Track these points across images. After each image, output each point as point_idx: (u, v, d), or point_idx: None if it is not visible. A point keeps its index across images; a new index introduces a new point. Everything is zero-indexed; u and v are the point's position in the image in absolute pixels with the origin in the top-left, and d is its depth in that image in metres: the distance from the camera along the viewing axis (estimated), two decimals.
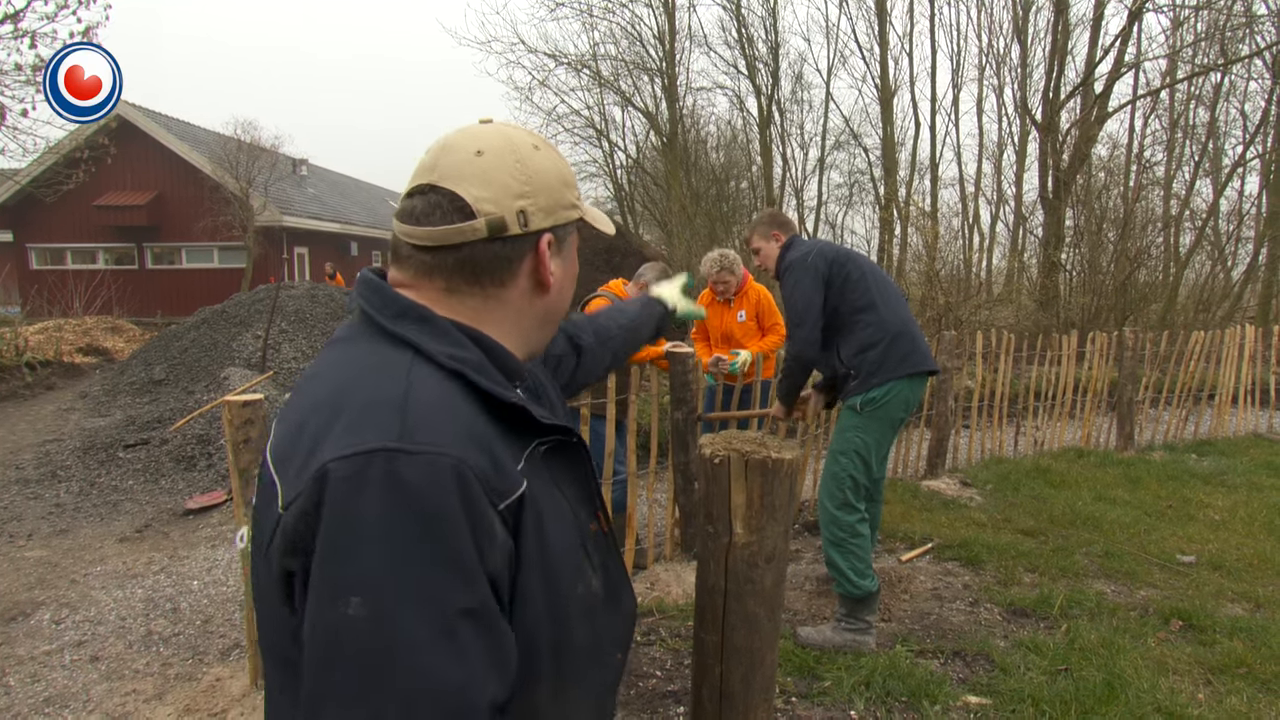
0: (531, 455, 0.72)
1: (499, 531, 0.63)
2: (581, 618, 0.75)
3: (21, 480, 5.59)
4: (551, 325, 0.84)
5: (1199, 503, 4.78)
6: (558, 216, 0.79)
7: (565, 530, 0.74)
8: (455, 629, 0.57)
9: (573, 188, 0.82)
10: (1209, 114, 14.76)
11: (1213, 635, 3.00)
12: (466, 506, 0.60)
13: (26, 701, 2.81)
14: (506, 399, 0.70)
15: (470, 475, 0.61)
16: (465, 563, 0.59)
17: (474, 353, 0.72)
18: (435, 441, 0.61)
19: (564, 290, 0.83)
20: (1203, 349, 6.99)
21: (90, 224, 18.09)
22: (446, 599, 0.58)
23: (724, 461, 0.83)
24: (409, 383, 0.65)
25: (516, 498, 0.66)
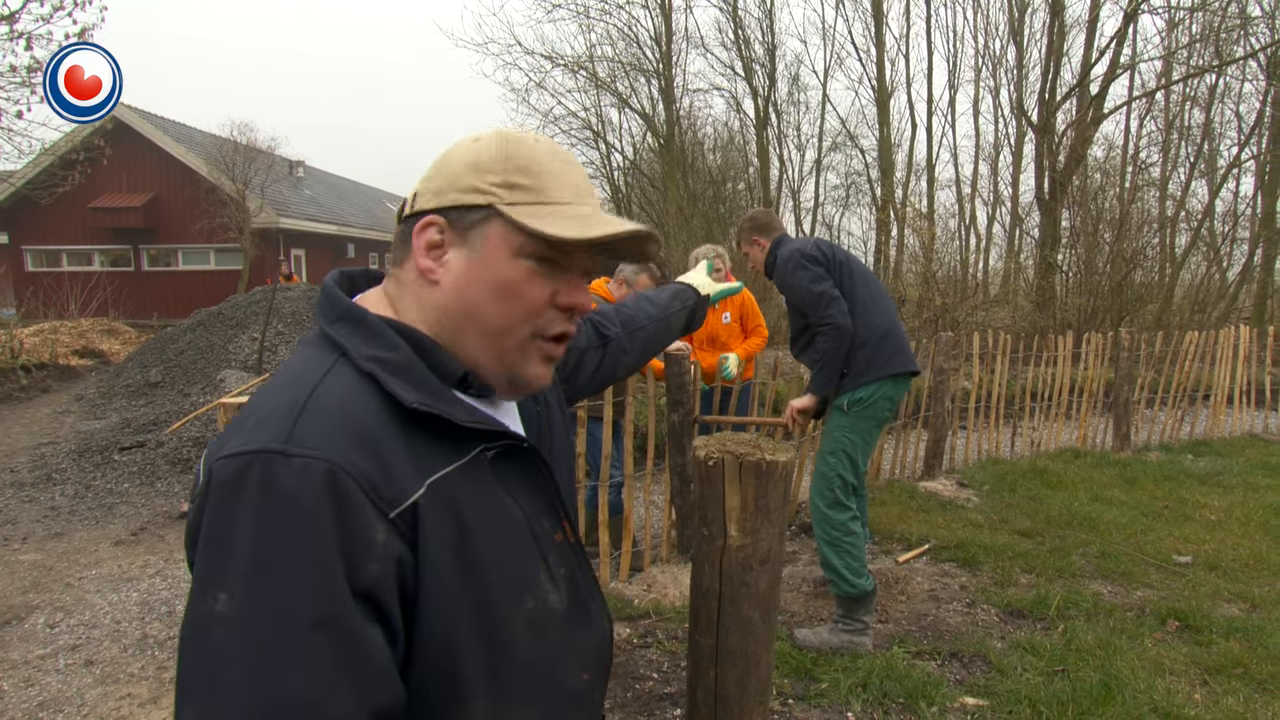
0: (476, 461, 0.70)
1: (381, 539, 0.60)
2: (529, 634, 0.70)
3: (16, 483, 5.57)
4: (471, 336, 0.72)
5: (1195, 503, 4.79)
6: (446, 199, 0.72)
7: (509, 540, 0.70)
8: (304, 638, 0.55)
9: (486, 172, 0.72)
10: (1204, 115, 14.81)
11: (1209, 636, 3.00)
12: (337, 512, 0.58)
13: (20, 706, 2.80)
14: (408, 403, 0.65)
15: (346, 480, 0.59)
16: (325, 570, 0.57)
17: (402, 353, 0.69)
18: (316, 445, 0.60)
19: (464, 292, 0.72)
20: (1198, 349, 7.01)
21: (86, 226, 18.05)
22: (300, 606, 0.56)
23: (718, 464, 0.82)
24: (316, 387, 0.65)
25: (409, 505, 0.62)
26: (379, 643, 0.59)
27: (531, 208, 0.71)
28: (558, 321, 0.75)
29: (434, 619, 0.63)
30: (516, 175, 0.72)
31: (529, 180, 0.72)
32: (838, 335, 2.94)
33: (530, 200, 0.72)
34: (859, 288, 3.03)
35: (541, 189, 0.72)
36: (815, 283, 2.98)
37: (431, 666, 0.64)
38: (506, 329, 0.72)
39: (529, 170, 0.72)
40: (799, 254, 3.02)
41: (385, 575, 0.60)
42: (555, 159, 0.75)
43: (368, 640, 0.58)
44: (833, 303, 2.95)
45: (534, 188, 0.72)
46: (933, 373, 5.31)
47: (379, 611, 0.60)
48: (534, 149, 0.74)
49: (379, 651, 0.58)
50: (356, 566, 0.58)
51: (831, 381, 2.97)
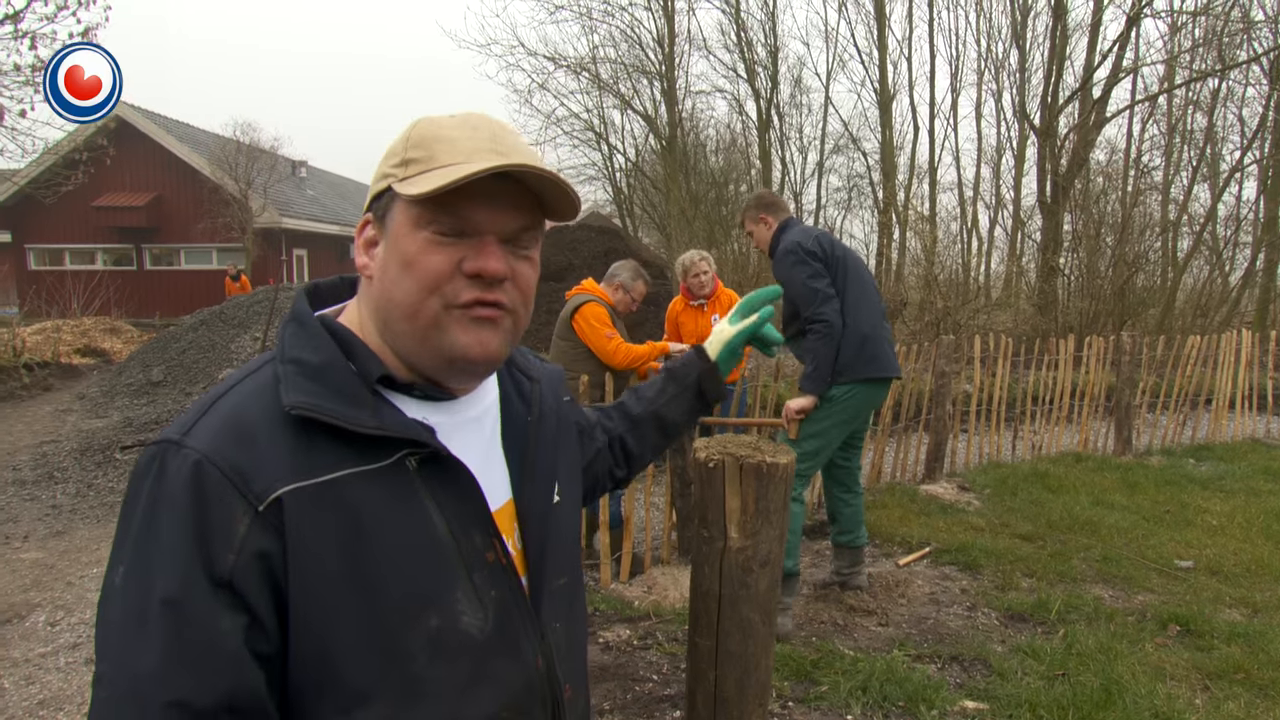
0: (396, 466, 0.68)
1: (242, 531, 0.61)
2: (431, 654, 0.67)
3: (18, 481, 5.57)
4: (397, 324, 0.71)
5: (1197, 508, 4.78)
6: (371, 193, 0.73)
7: (418, 551, 0.68)
8: (149, 617, 0.59)
9: (391, 157, 0.72)
10: (1207, 119, 14.79)
11: (1210, 640, 2.99)
12: (198, 501, 0.61)
13: (21, 704, 2.80)
14: (284, 406, 0.65)
15: (212, 470, 0.61)
16: (182, 556, 0.60)
17: (323, 355, 0.69)
18: (199, 439, 0.63)
19: (383, 278, 0.71)
20: (1200, 354, 7.00)
21: (89, 225, 18.10)
22: (149, 585, 0.60)
23: (718, 465, 0.82)
24: (235, 386, 0.69)
25: (274, 500, 0.62)
26: (230, 631, 0.60)
27: (415, 177, 0.69)
28: (466, 288, 0.70)
29: (307, 619, 0.63)
30: (412, 151, 0.70)
31: (420, 153, 0.70)
32: (830, 334, 2.98)
33: (418, 170, 0.69)
34: (850, 288, 3.08)
35: (431, 157, 0.69)
36: (813, 279, 3.00)
37: (308, 668, 0.63)
38: (414, 304, 0.69)
39: (424, 143, 0.70)
40: (800, 247, 3.05)
41: (246, 566, 0.61)
42: (458, 126, 0.71)
43: (214, 628, 0.59)
44: (827, 302, 2.98)
45: (423, 159, 0.69)
46: (934, 376, 5.31)
47: (239, 601, 0.61)
48: (437, 122, 0.72)
49: (228, 640, 0.60)
50: (213, 555, 0.60)
51: (824, 381, 3.02)
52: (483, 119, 0.73)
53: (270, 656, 0.63)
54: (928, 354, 5.49)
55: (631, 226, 18.59)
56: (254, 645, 0.61)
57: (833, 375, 3.02)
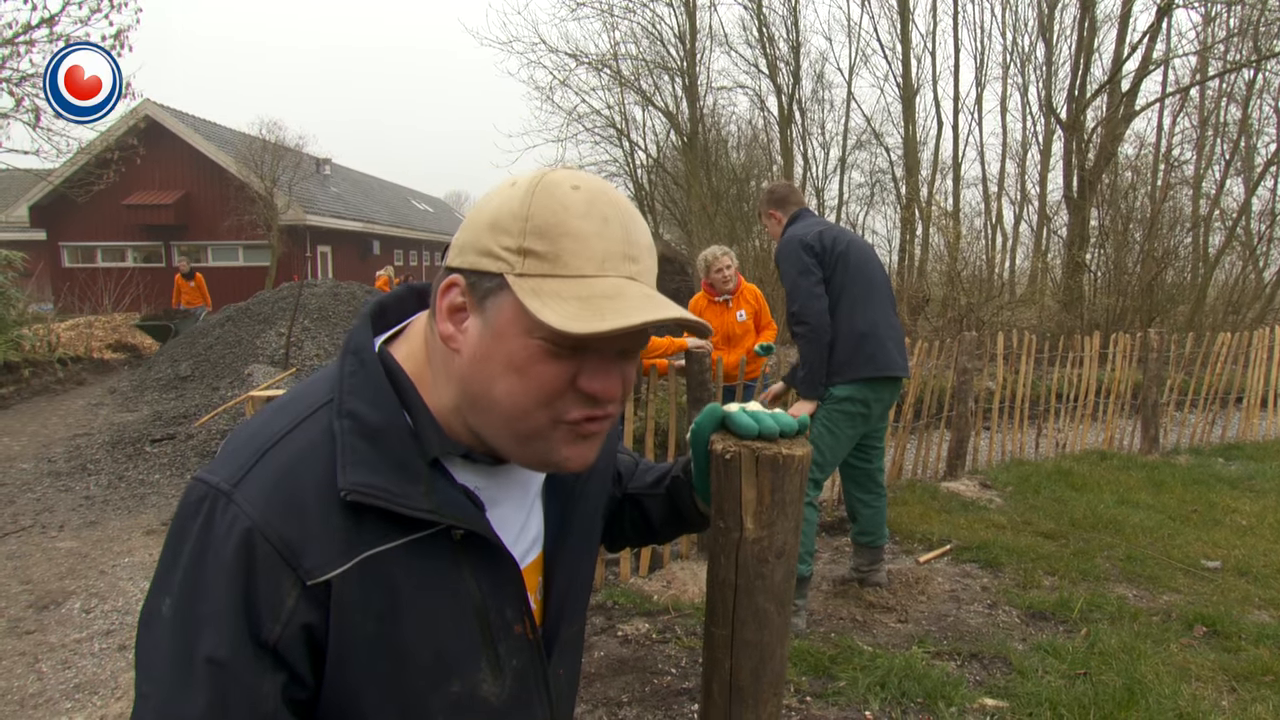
0: (438, 536, 0.67)
1: (290, 604, 0.61)
2: (451, 716, 0.69)
3: (53, 473, 5.73)
4: (485, 412, 0.66)
5: (1225, 507, 4.70)
6: (467, 260, 0.64)
7: (450, 620, 0.68)
8: (196, 669, 0.60)
9: (503, 233, 0.62)
10: (1241, 111, 14.42)
11: (1238, 642, 2.95)
12: (249, 571, 0.60)
13: (58, 687, 2.89)
14: (339, 487, 0.62)
15: (264, 544, 0.61)
16: (227, 619, 0.60)
17: (384, 414, 0.66)
18: (250, 499, 0.62)
19: (480, 365, 0.64)
20: (1230, 351, 6.86)
21: (120, 223, 18.46)
22: (200, 641, 0.60)
23: (735, 457, 0.84)
24: (290, 430, 0.66)
25: (324, 580, 0.62)
26: (270, 692, 0.61)
27: (541, 280, 0.61)
28: (577, 405, 0.65)
29: (339, 679, 0.64)
30: (533, 239, 0.62)
31: (545, 246, 0.62)
32: (813, 336, 2.96)
33: (543, 272, 0.61)
34: (852, 284, 3.01)
35: (558, 257, 0.62)
36: (802, 275, 2.98)
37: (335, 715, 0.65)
38: (518, 413, 0.64)
39: (548, 233, 0.62)
40: (797, 241, 3.04)
41: (291, 636, 0.62)
42: (587, 218, 0.63)
43: (256, 690, 0.61)
44: (811, 300, 2.95)
45: (549, 255, 0.62)
46: (956, 372, 5.26)
47: (282, 663, 0.62)
48: (564, 202, 0.63)
49: (268, 702, 0.61)
50: (260, 624, 0.61)
51: (817, 384, 3.02)
52: (613, 202, 0.65)
53: (306, 702, 0.65)
54: (950, 350, 5.44)
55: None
56: (291, 694, 0.63)
57: (827, 376, 2.99)
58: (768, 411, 0.84)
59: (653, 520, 0.97)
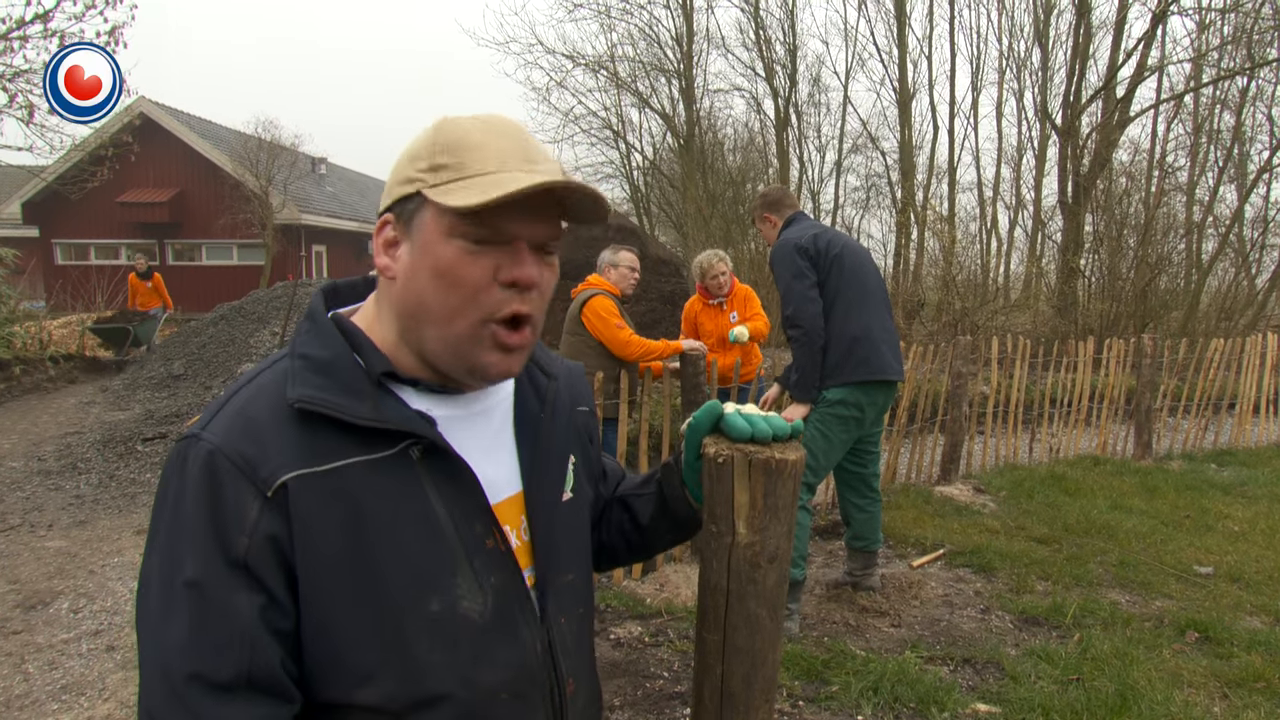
0: (400, 455, 0.70)
1: (253, 516, 0.65)
2: (431, 638, 0.69)
3: (43, 471, 5.69)
4: (425, 328, 0.72)
5: (1218, 513, 4.71)
6: (393, 194, 0.73)
7: (419, 538, 0.70)
8: (175, 596, 0.64)
9: (417, 159, 0.71)
10: (1235, 119, 14.50)
11: (1230, 648, 2.95)
12: (213, 488, 0.65)
13: (44, 689, 2.86)
14: (288, 400, 0.69)
15: (223, 460, 0.66)
16: (200, 540, 0.64)
17: (331, 350, 0.72)
18: (214, 431, 0.68)
19: (412, 282, 0.71)
20: (1223, 357, 6.88)
21: (114, 220, 18.39)
22: (176, 568, 0.65)
23: (727, 461, 0.83)
24: (250, 381, 0.73)
25: (279, 485, 0.66)
26: (245, 609, 0.64)
27: (450, 185, 0.69)
28: (508, 301, 0.71)
29: (312, 600, 0.67)
30: (441, 155, 0.71)
31: (450, 158, 0.70)
32: (807, 340, 2.96)
33: (450, 178, 0.70)
34: (847, 287, 3.01)
35: (462, 164, 0.70)
36: (796, 279, 2.99)
37: (315, 646, 0.67)
38: (451, 314, 0.70)
39: (452, 148, 0.70)
40: (791, 244, 3.04)
41: (258, 548, 0.65)
42: (485, 131, 0.72)
43: (231, 606, 0.64)
44: (805, 304, 2.96)
45: (455, 165, 0.70)
46: (950, 377, 5.27)
47: (254, 581, 0.65)
48: (463, 125, 0.72)
49: (243, 618, 0.64)
50: (228, 538, 0.65)
51: (811, 387, 3.02)
52: (507, 124, 0.74)
53: (289, 632, 0.67)
54: (944, 355, 5.45)
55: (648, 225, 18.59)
56: (272, 622, 0.65)
57: (821, 379, 2.99)
58: (761, 414, 0.86)
59: (641, 520, 0.97)
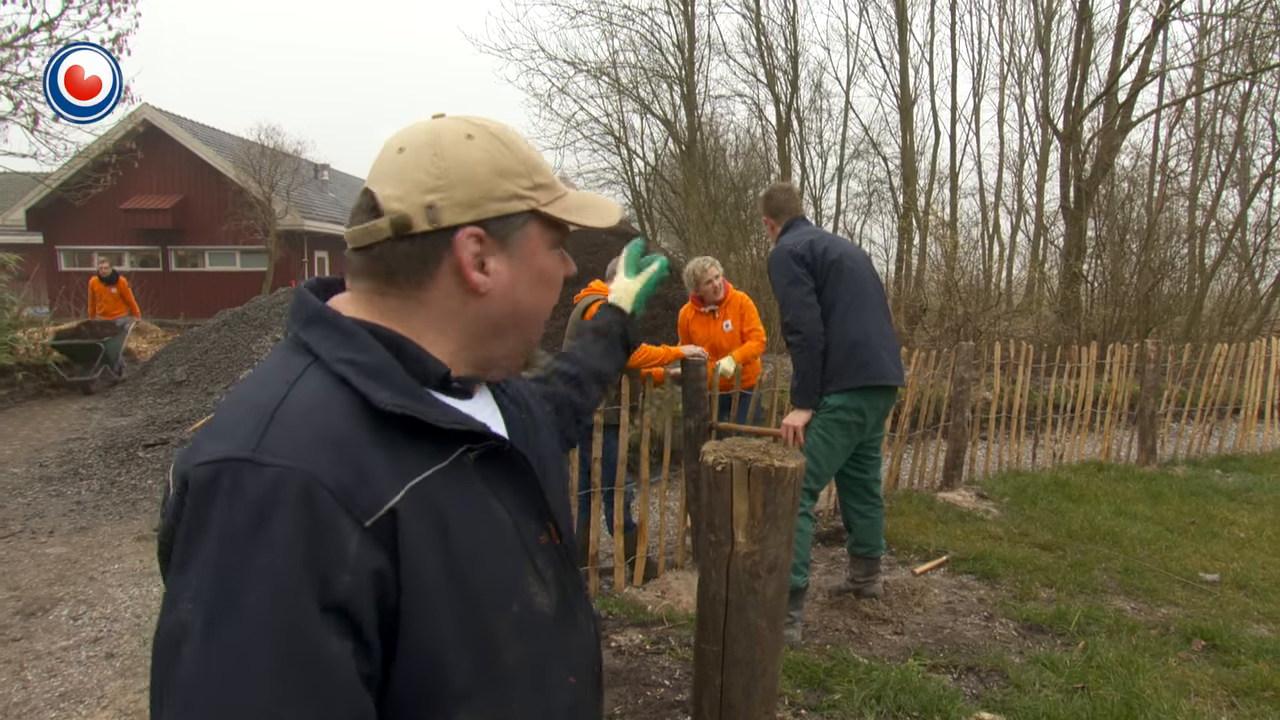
0: (458, 463, 0.68)
1: (354, 550, 0.58)
2: (516, 639, 0.69)
3: (45, 477, 5.69)
4: (510, 334, 0.76)
5: (1223, 519, 4.68)
6: (484, 210, 0.71)
7: (494, 544, 0.70)
8: (266, 655, 0.54)
9: (517, 177, 0.73)
10: (1237, 123, 14.51)
11: (1237, 656, 2.93)
12: (307, 524, 0.57)
13: (43, 696, 2.85)
14: (381, 405, 0.63)
15: (319, 490, 0.58)
16: (289, 584, 0.55)
17: (377, 356, 0.67)
18: (287, 453, 0.58)
19: (511, 294, 0.74)
20: (1227, 362, 6.86)
21: (117, 226, 18.43)
22: (263, 622, 0.55)
23: (726, 469, 0.82)
24: (288, 390, 0.64)
25: (386, 512, 0.60)
26: (344, 659, 0.57)
27: (556, 202, 0.77)
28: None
29: (420, 629, 0.61)
30: (536, 175, 0.75)
31: (543, 178, 0.76)
32: (806, 346, 2.94)
33: (553, 197, 0.77)
34: (845, 292, 3.00)
35: (551, 184, 0.77)
36: (792, 285, 2.98)
37: (416, 679, 0.62)
38: (542, 315, 0.79)
39: (538, 168, 0.76)
40: (787, 251, 3.03)
41: (360, 588, 0.58)
42: (532, 147, 0.77)
43: (331, 657, 0.56)
44: (803, 310, 2.94)
45: (547, 184, 0.76)
46: (953, 382, 5.25)
47: (349, 625, 0.58)
48: (522, 141, 0.77)
49: (343, 668, 0.57)
50: (327, 580, 0.56)
51: (811, 394, 3.00)
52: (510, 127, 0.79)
53: (371, 677, 0.60)
54: (947, 360, 5.43)
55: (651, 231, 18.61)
56: (362, 669, 0.59)
57: (821, 385, 2.98)
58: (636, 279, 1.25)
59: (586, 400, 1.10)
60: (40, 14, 8.67)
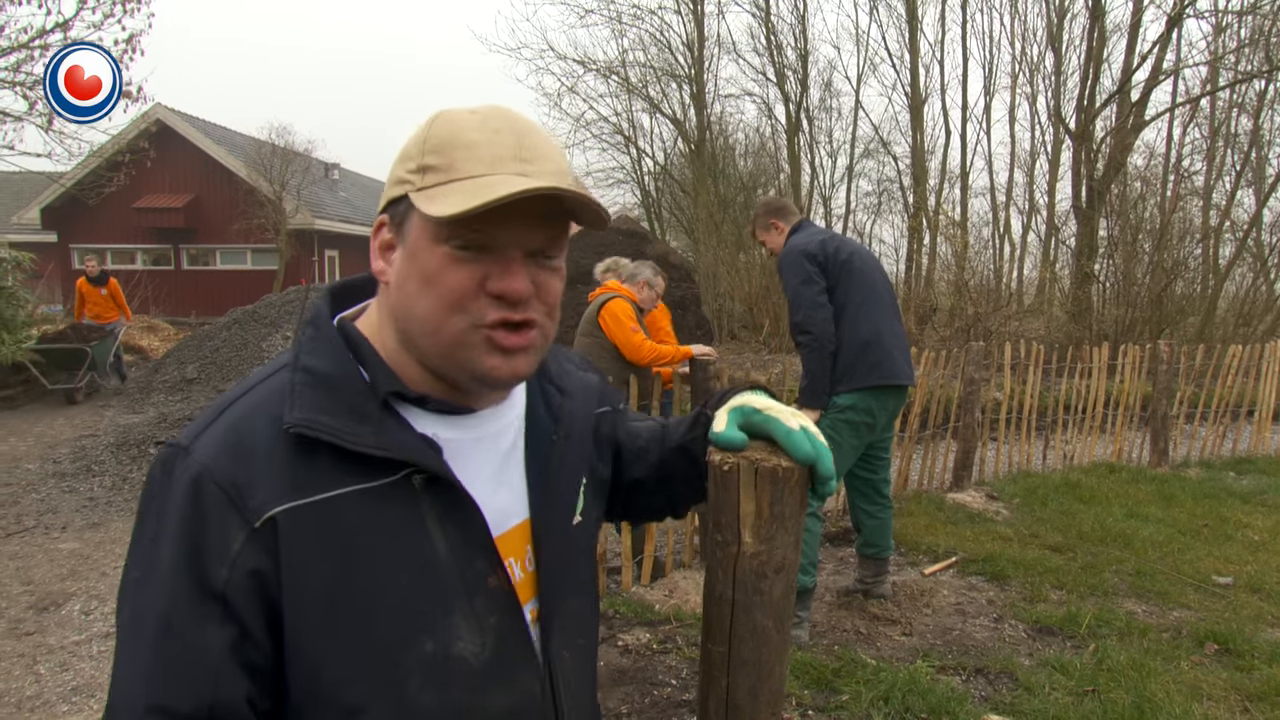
0: (399, 484, 0.66)
1: (237, 547, 0.61)
2: (423, 680, 0.65)
3: (58, 474, 5.74)
4: (417, 341, 0.68)
5: (1237, 522, 4.63)
6: (387, 195, 0.69)
7: (413, 573, 0.66)
8: (144, 622, 0.61)
9: (407, 160, 0.67)
10: (1252, 122, 14.34)
11: (1251, 661, 2.89)
12: (197, 514, 0.61)
13: (55, 690, 2.88)
14: (284, 423, 0.63)
15: (210, 486, 0.61)
16: (178, 565, 0.60)
17: (334, 364, 0.67)
18: (204, 449, 0.63)
19: (403, 287, 0.67)
20: (1242, 363, 6.79)
21: (130, 225, 18.58)
22: (148, 593, 0.61)
23: (733, 469, 0.81)
24: (247, 393, 0.68)
25: (268, 519, 0.61)
26: (215, 642, 0.60)
27: (436, 188, 0.65)
28: (492, 308, 0.66)
29: (299, 637, 0.62)
30: (430, 156, 0.66)
31: (439, 159, 0.65)
32: (817, 346, 2.93)
33: (437, 181, 0.65)
34: (857, 292, 3.00)
35: (451, 166, 0.65)
36: (804, 285, 2.96)
37: (301, 683, 0.63)
38: (436, 322, 0.66)
39: (442, 148, 0.66)
40: (799, 250, 3.02)
41: (239, 582, 0.61)
42: (479, 128, 0.66)
43: (200, 639, 0.60)
44: (814, 310, 2.93)
45: (443, 166, 0.65)
46: (963, 383, 5.22)
47: (230, 614, 0.61)
48: (457, 123, 0.67)
49: (211, 652, 0.60)
50: (206, 568, 0.60)
51: (821, 394, 2.97)
52: (505, 118, 0.68)
53: (263, 668, 0.62)
54: (957, 360, 5.40)
55: (659, 230, 18.60)
56: (245, 657, 0.61)
57: (831, 385, 2.96)
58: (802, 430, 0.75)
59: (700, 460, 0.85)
60: (55, 15, 8.76)
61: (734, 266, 14.25)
